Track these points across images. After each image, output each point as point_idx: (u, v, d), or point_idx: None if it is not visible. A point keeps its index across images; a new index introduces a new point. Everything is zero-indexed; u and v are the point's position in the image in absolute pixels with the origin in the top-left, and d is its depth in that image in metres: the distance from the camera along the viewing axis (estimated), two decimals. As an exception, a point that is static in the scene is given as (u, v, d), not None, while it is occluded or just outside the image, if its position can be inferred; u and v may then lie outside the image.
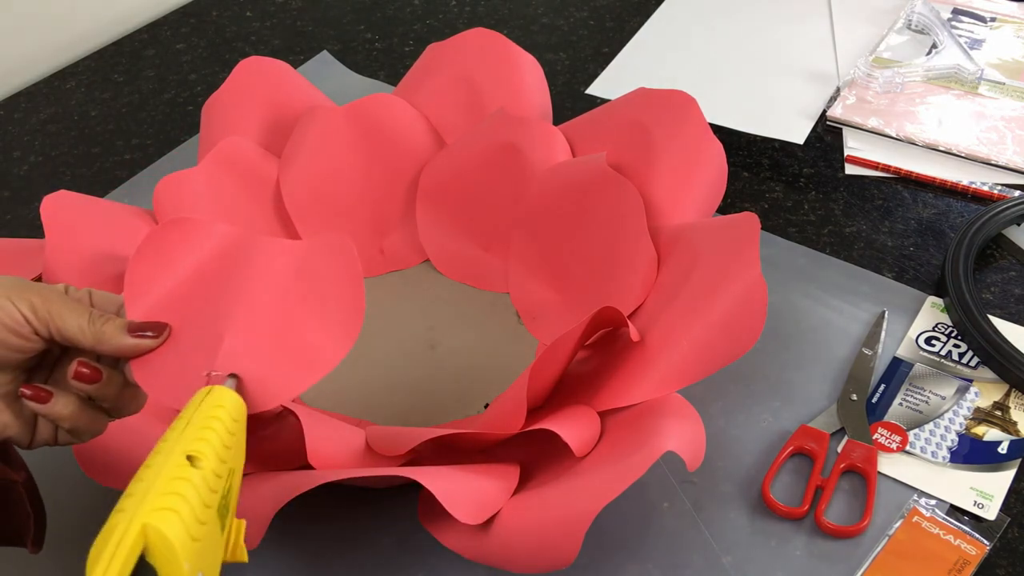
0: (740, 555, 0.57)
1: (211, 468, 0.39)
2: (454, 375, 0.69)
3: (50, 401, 0.45)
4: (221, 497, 0.39)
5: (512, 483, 0.55)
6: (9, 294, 0.44)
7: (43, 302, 0.45)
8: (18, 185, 0.89)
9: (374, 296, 0.75)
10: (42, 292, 0.46)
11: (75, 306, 0.46)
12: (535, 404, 0.59)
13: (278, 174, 0.76)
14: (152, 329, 0.47)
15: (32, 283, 0.46)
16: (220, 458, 0.40)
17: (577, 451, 0.55)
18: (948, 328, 0.69)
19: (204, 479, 0.38)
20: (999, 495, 0.59)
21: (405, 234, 0.78)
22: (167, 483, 0.37)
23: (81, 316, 0.46)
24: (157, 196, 0.71)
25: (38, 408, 0.45)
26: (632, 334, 0.59)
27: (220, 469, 0.39)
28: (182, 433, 0.40)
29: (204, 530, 0.37)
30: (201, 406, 0.42)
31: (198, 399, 0.42)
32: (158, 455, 0.38)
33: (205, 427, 0.41)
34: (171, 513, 0.36)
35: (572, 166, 0.73)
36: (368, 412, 0.66)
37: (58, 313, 0.45)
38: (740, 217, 0.62)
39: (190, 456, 0.38)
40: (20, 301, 0.45)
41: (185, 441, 0.39)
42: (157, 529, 0.35)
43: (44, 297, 0.45)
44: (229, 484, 0.40)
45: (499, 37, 0.81)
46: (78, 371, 0.45)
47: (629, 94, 0.75)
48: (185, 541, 0.36)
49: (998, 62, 0.93)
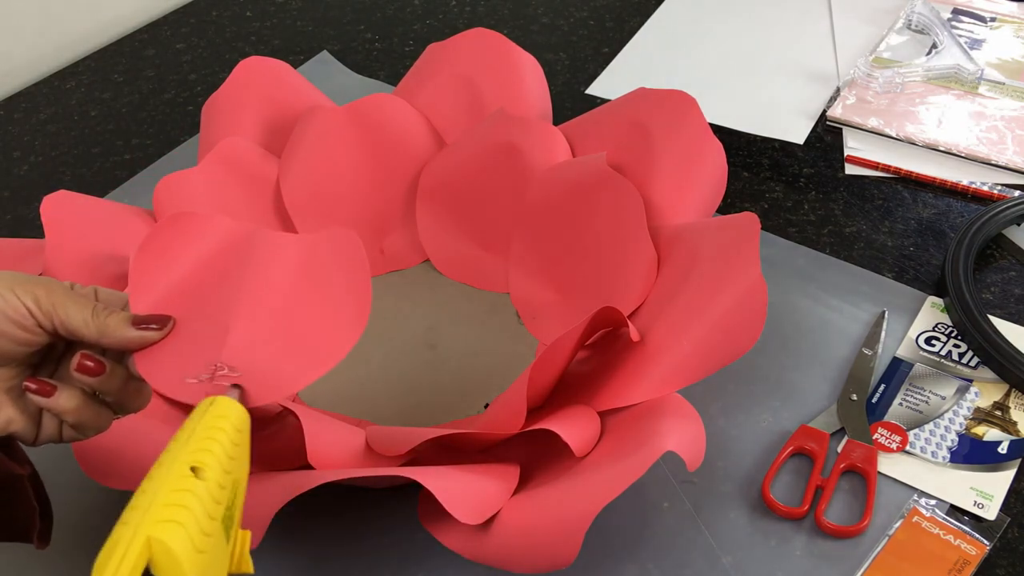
0: (740, 555, 0.57)
1: (215, 479, 0.38)
2: (454, 375, 0.69)
3: (54, 395, 0.45)
4: (225, 508, 0.39)
5: (512, 483, 0.55)
6: (12, 287, 0.45)
7: (47, 295, 0.45)
8: (18, 185, 0.89)
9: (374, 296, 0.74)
10: (46, 285, 0.46)
11: (79, 299, 0.46)
12: (535, 404, 0.59)
13: (278, 174, 0.77)
14: (156, 322, 0.47)
15: (36, 277, 0.46)
16: (224, 469, 0.39)
17: (577, 451, 0.55)
18: (948, 328, 0.69)
19: (208, 490, 0.38)
20: (999, 495, 0.59)
21: (405, 234, 0.78)
22: (171, 495, 0.37)
23: (85, 309, 0.46)
24: (157, 196, 0.71)
25: (42, 402, 0.45)
26: (632, 334, 0.59)
27: (224, 480, 0.39)
28: (186, 444, 0.40)
29: (209, 542, 0.37)
30: (204, 417, 0.42)
31: (201, 409, 0.42)
32: (161, 467, 0.38)
33: (209, 437, 0.40)
34: (176, 525, 0.35)
35: (572, 166, 0.73)
36: (368, 412, 0.66)
37: (62, 305, 0.45)
38: (740, 217, 0.61)
39: (194, 467, 0.38)
40: (24, 294, 0.45)
41: (189, 452, 0.39)
42: (162, 542, 0.35)
43: (48, 290, 0.45)
44: (234, 495, 0.40)
45: (499, 37, 0.81)
46: (81, 363, 0.45)
47: (629, 94, 0.75)
48: (190, 553, 0.35)
49: (998, 62, 0.93)
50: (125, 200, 0.84)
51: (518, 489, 0.55)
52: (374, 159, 0.78)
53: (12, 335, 0.45)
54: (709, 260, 0.61)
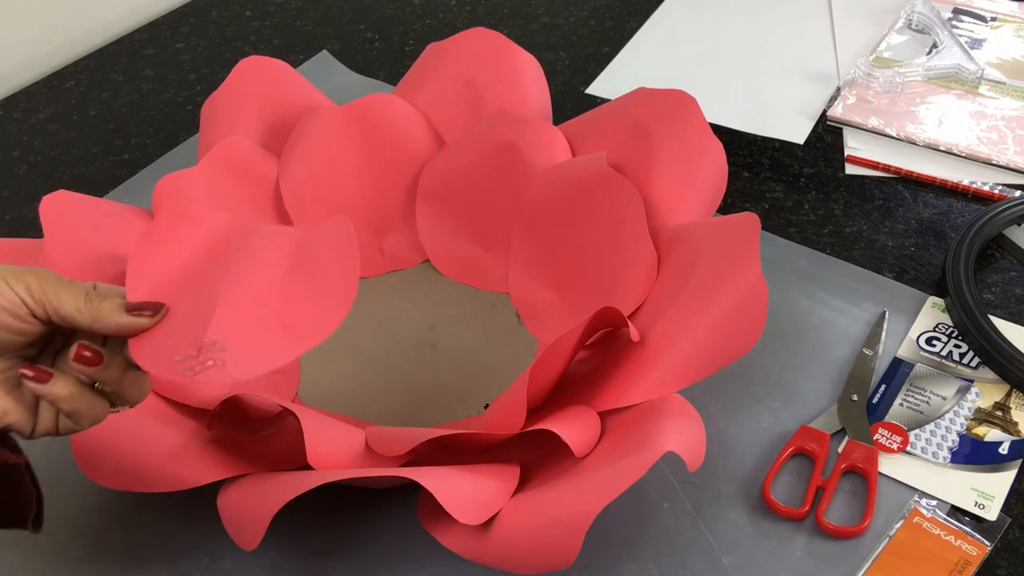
0: (740, 555, 0.57)
1: None
2: (454, 375, 0.69)
3: (49, 381, 0.45)
4: None
5: (512, 483, 0.55)
6: (4, 277, 0.45)
7: (39, 283, 0.45)
8: (18, 185, 0.89)
9: (374, 296, 0.75)
10: (38, 274, 0.46)
11: (71, 286, 0.46)
12: (535, 404, 0.59)
13: (277, 173, 0.76)
14: (149, 308, 0.48)
15: (28, 267, 0.46)
16: None
17: (577, 452, 0.55)
18: (949, 328, 0.69)
19: None
20: (1000, 496, 0.59)
21: (405, 234, 0.78)
22: None
23: (78, 296, 0.46)
24: (156, 195, 0.71)
25: (37, 388, 0.45)
26: (632, 334, 0.59)
27: None
28: None
29: None
30: None
31: None
32: None
33: None
34: None
35: (572, 166, 0.72)
36: (368, 412, 0.66)
37: (53, 293, 0.45)
38: (740, 217, 0.61)
39: None
40: (16, 283, 0.45)
41: None
42: None
43: (40, 278, 0.46)
44: None
45: (499, 37, 0.81)
46: (79, 353, 0.45)
47: (629, 94, 0.75)
48: None
49: (998, 62, 0.93)
50: (125, 199, 0.84)
51: (518, 489, 0.55)
52: (374, 159, 0.78)
53: (5, 324, 0.45)
54: (709, 260, 0.61)
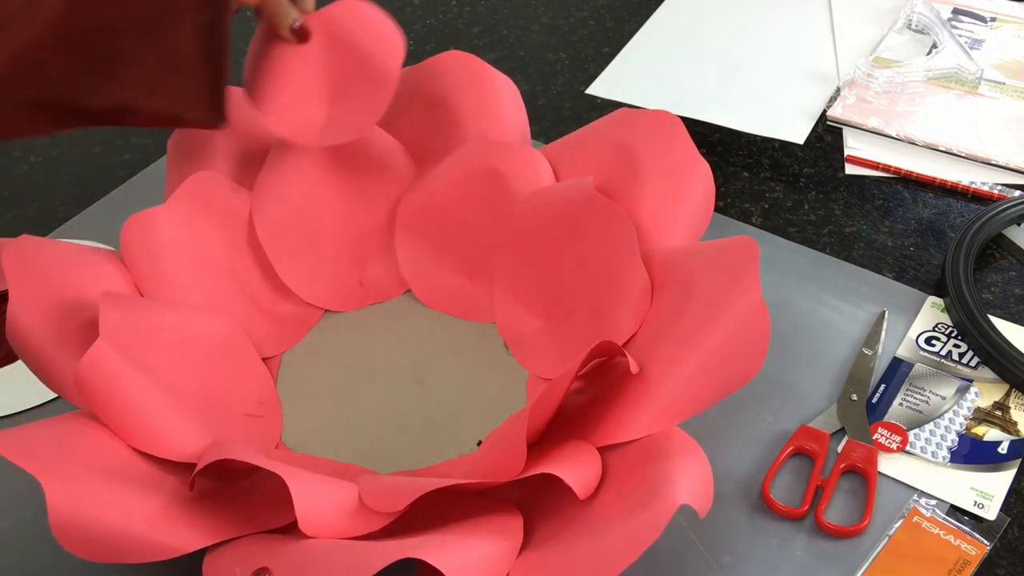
0: (740, 555, 0.57)
1: None
2: (443, 411, 0.66)
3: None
4: None
5: (516, 540, 0.53)
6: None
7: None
8: (18, 185, 0.89)
9: (356, 331, 0.72)
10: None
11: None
12: (531, 441, 0.56)
13: (250, 207, 0.73)
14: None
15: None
16: None
17: (580, 493, 0.52)
18: (948, 328, 0.69)
19: None
20: (999, 495, 0.59)
21: (385, 265, 0.75)
22: None
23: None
24: (124, 237, 0.67)
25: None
26: (631, 367, 0.57)
27: None
28: None
29: None
30: None
31: None
32: None
33: None
34: None
35: (557, 191, 0.70)
36: (356, 454, 0.64)
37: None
38: (736, 241, 0.59)
39: None
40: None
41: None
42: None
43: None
44: None
45: (473, 59, 0.77)
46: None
47: (612, 115, 0.72)
48: None
49: (998, 62, 0.93)
50: (124, 199, 0.84)
51: (524, 541, 0.53)
52: (349, 188, 0.75)
53: None
54: (706, 286, 0.59)
